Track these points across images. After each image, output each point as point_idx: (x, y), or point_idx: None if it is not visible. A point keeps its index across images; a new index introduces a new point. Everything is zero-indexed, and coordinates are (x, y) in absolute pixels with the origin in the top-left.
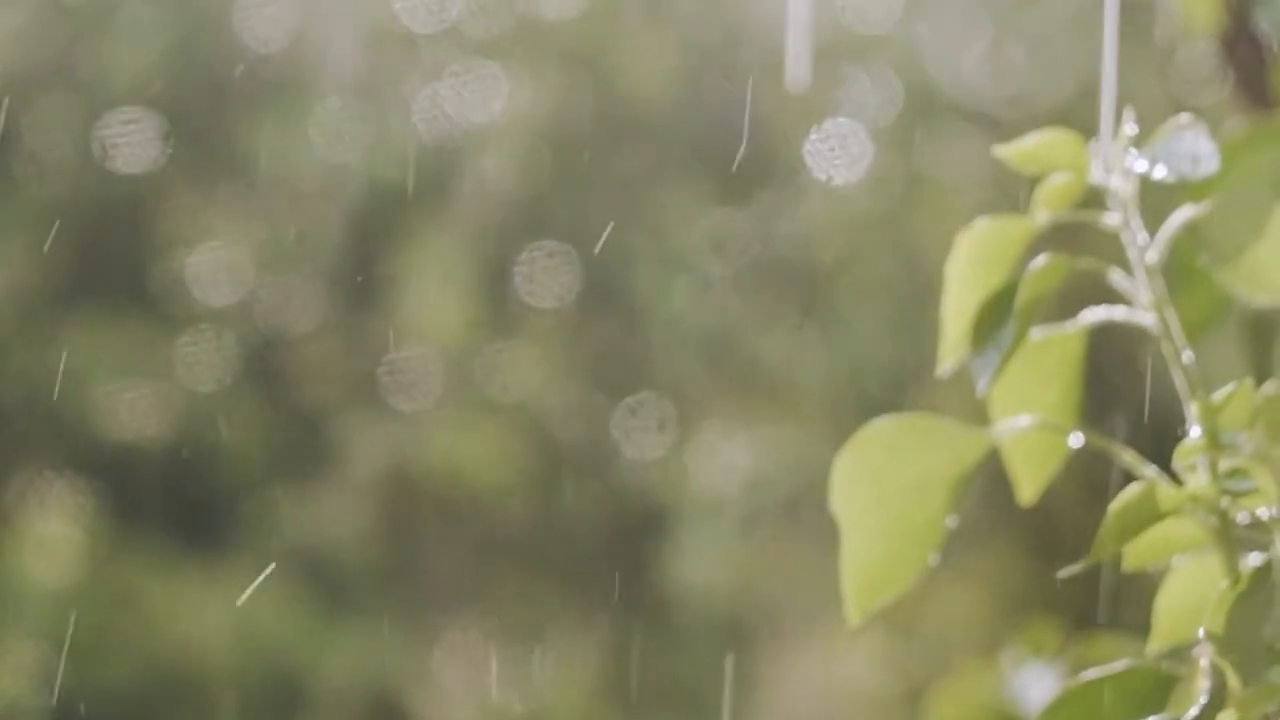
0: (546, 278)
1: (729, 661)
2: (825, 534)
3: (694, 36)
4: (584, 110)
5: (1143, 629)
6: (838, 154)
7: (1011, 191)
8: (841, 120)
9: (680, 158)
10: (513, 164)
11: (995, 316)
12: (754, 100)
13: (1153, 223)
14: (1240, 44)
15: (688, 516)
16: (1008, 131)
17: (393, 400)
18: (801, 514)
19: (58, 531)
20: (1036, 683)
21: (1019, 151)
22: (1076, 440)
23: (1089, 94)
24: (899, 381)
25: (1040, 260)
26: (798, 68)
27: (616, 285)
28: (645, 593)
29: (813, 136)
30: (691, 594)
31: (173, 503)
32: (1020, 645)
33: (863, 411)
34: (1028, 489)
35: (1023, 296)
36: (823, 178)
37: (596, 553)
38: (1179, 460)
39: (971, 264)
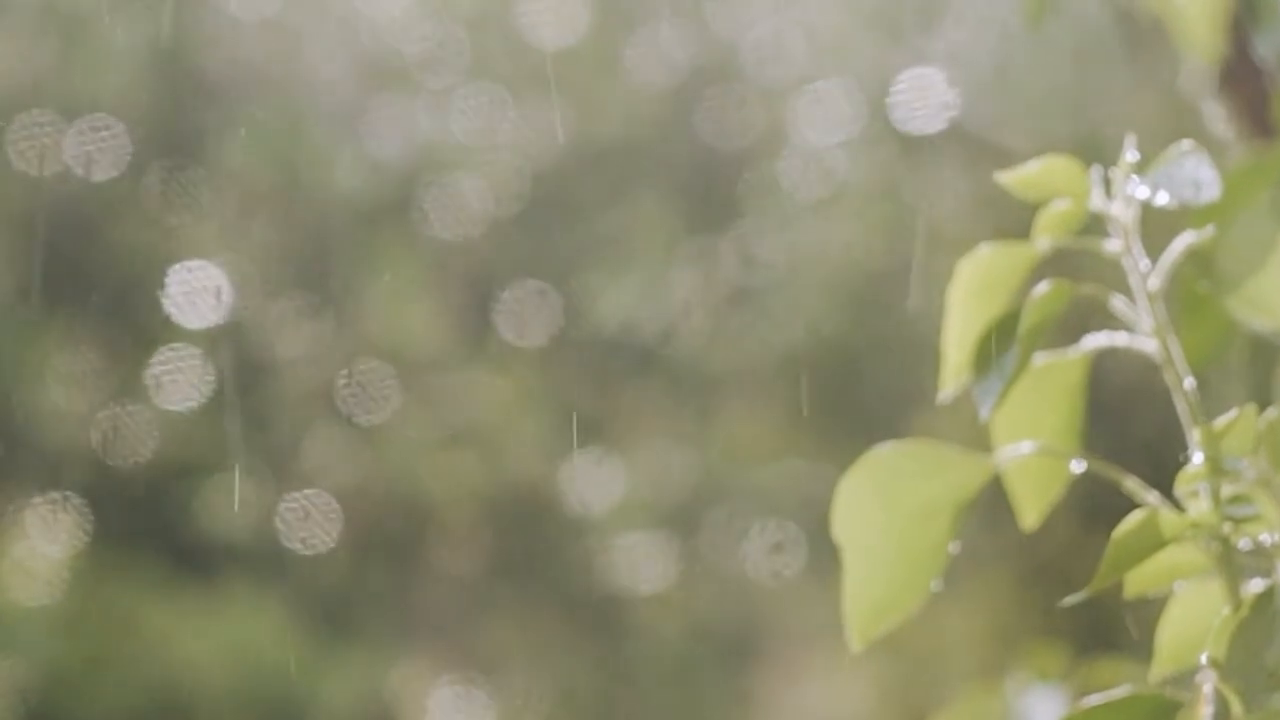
0: (522, 306)
1: (714, 688)
2: (805, 563)
3: (676, 65)
4: (564, 138)
5: (1147, 653)
6: (815, 178)
7: (991, 216)
8: (819, 144)
9: (661, 185)
10: (493, 190)
11: (998, 343)
12: (734, 125)
13: (1152, 249)
14: (1241, 72)
15: (656, 539)
16: (998, 156)
17: (374, 420)
18: (778, 544)
19: (44, 553)
20: (1041, 707)
21: (1021, 178)
22: (1079, 466)
23: (1089, 120)
24: (882, 406)
25: (1042, 287)
26: None
27: (588, 312)
28: (619, 614)
29: (792, 161)
30: (666, 616)
31: (157, 523)
32: (1025, 669)
33: (841, 437)
34: (1031, 515)
35: (1025, 323)
36: (802, 201)
37: (563, 580)
38: (1181, 486)
39: (973, 290)
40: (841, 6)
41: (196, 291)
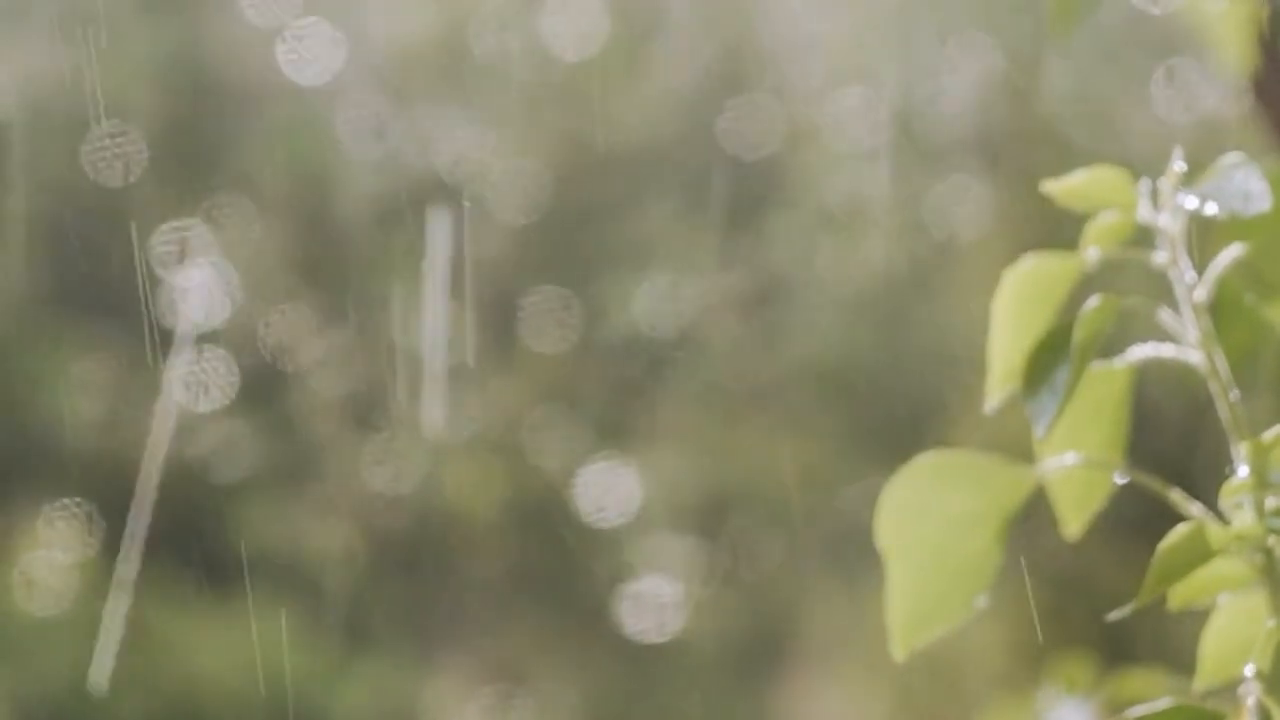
0: (542, 308)
1: (738, 696)
2: (829, 571)
3: (697, 71)
4: (584, 144)
5: (1167, 664)
6: (837, 185)
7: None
8: (843, 152)
9: (683, 192)
10: (513, 195)
11: (1050, 357)
12: (757, 133)
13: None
14: (1273, 84)
15: (676, 545)
16: (1024, 166)
17: (392, 426)
18: (801, 552)
19: (61, 562)
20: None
21: (1068, 188)
22: (1122, 478)
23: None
24: (905, 414)
25: (1094, 300)
26: None
27: (609, 317)
28: (638, 621)
29: (815, 169)
30: (686, 623)
31: (175, 531)
32: (1053, 681)
33: (863, 444)
34: (1074, 525)
35: (1079, 337)
36: (824, 208)
37: (591, 581)
38: (1225, 498)
39: (1018, 301)
40: (866, 14)
41: (216, 298)
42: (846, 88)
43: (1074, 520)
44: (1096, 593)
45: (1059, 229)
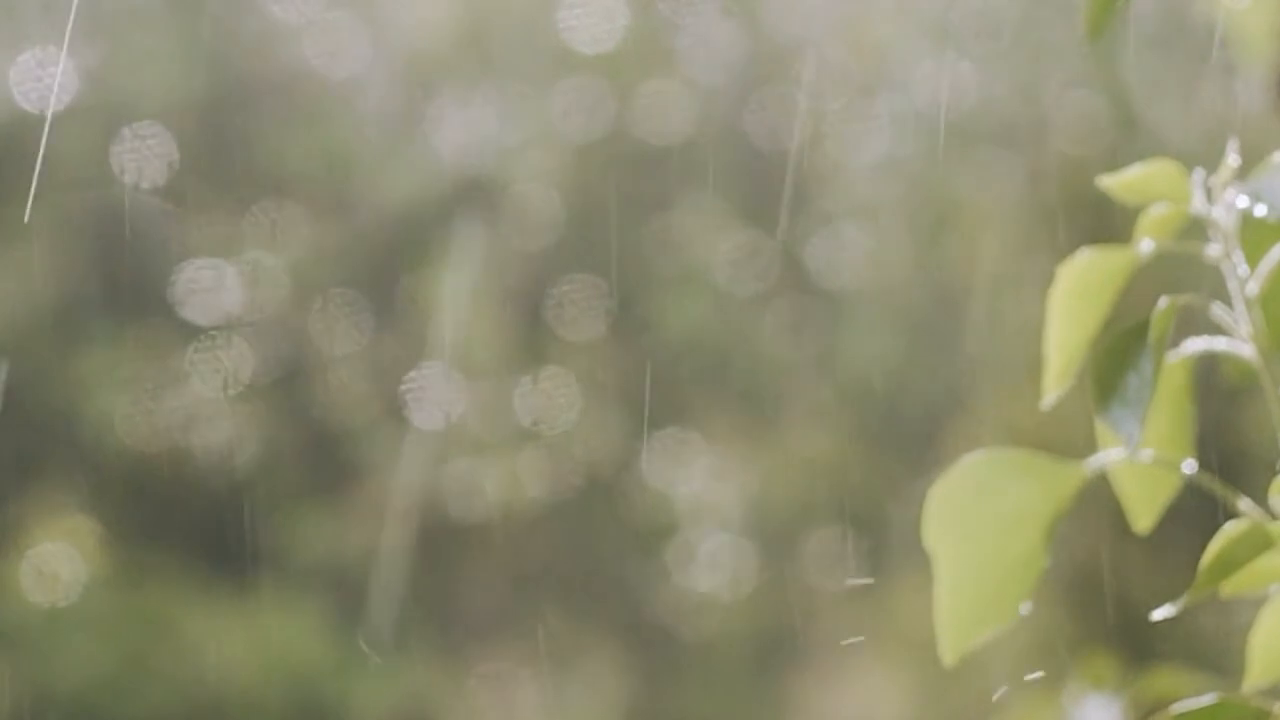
0: (575, 304)
1: (760, 691)
2: (854, 569)
3: (732, 65)
4: (613, 137)
5: (1192, 661)
6: (864, 184)
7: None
8: (866, 152)
9: (707, 184)
10: (543, 189)
11: (1118, 363)
12: (789, 128)
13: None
14: None
15: (710, 542)
16: (1052, 163)
17: (418, 422)
18: (828, 550)
19: (81, 556)
20: (1098, 716)
21: (1123, 181)
22: (1189, 470)
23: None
24: (933, 415)
25: (1164, 301)
26: None
27: (643, 313)
28: (671, 618)
29: (844, 168)
30: (719, 620)
31: (194, 524)
32: (1080, 678)
33: (895, 444)
34: (1144, 520)
35: (1154, 338)
36: (853, 205)
37: (622, 578)
38: (1275, 493)
39: (1074, 296)
40: (897, 12)
41: (245, 293)
42: (879, 83)
43: (1144, 515)
44: (1121, 589)
45: (1074, 225)
